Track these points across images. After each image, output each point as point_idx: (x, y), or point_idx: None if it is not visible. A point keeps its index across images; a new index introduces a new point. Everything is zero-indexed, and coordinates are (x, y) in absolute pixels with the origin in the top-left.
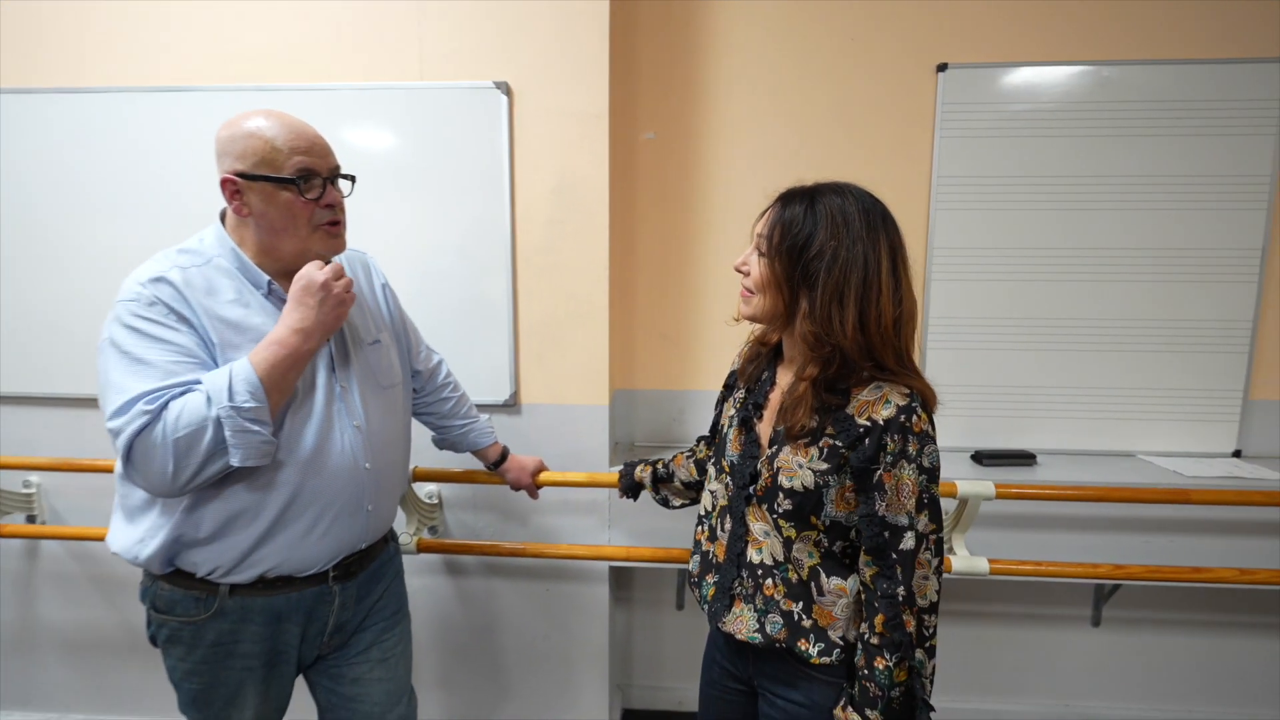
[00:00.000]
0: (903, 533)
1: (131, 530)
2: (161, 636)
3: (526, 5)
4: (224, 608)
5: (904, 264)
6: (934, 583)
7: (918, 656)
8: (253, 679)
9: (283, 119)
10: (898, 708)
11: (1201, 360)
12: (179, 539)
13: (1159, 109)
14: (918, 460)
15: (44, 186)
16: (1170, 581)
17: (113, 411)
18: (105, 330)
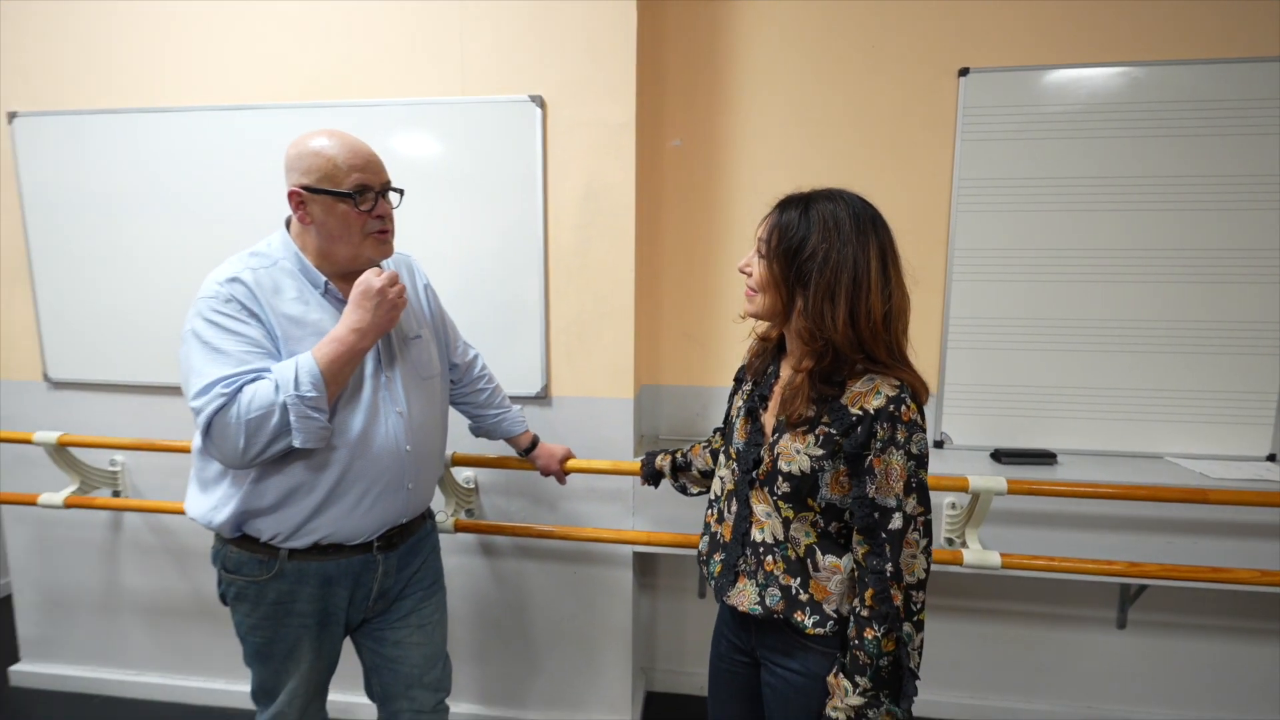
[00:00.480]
0: (891, 514)
1: (206, 499)
2: (230, 594)
3: (559, 24)
4: (283, 570)
5: (894, 264)
6: (922, 561)
7: (905, 629)
8: (308, 635)
9: (343, 139)
10: (886, 676)
11: (1233, 362)
12: (246, 508)
13: (1187, 109)
14: (906, 447)
15: (126, 198)
16: (1187, 581)
17: (195, 393)
18: (188, 323)
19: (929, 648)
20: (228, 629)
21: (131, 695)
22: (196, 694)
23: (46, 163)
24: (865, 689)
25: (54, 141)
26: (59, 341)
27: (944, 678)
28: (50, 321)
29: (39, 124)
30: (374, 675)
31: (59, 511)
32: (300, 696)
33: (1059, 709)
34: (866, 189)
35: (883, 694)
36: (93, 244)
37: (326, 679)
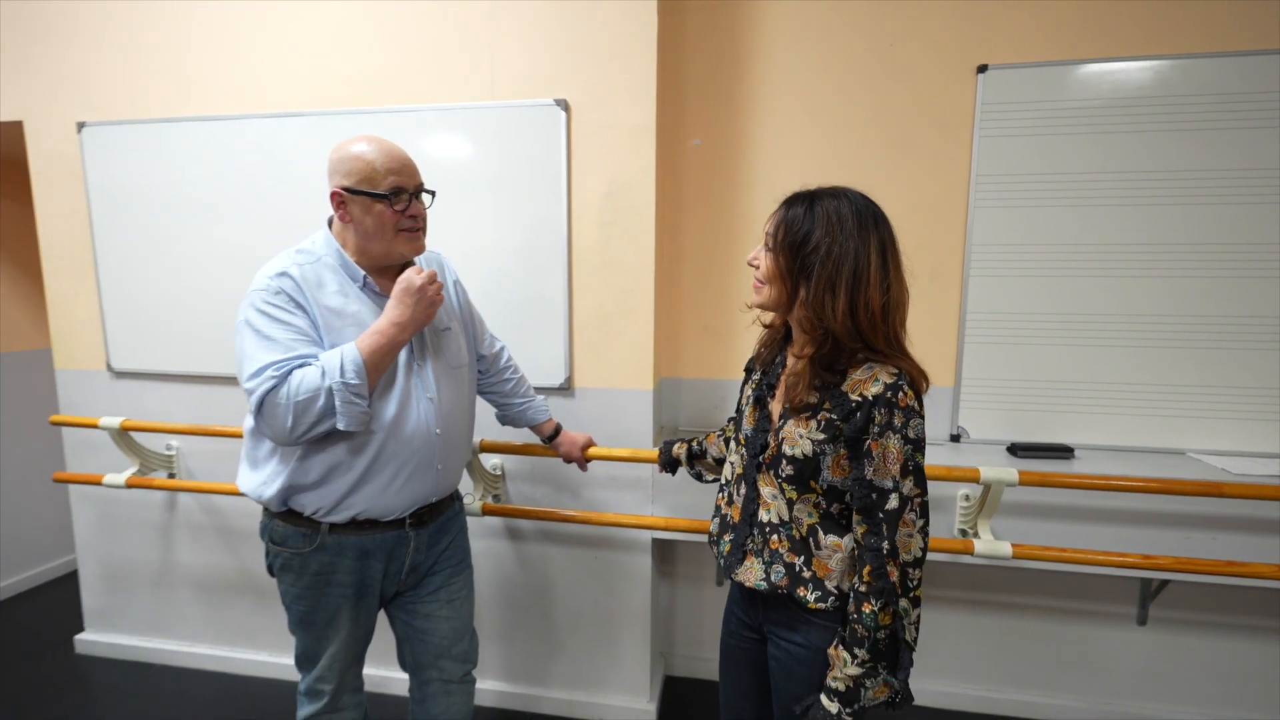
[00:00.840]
0: (888, 495)
1: (256, 475)
2: (276, 565)
3: (583, 30)
4: (324, 543)
5: (894, 259)
6: (918, 540)
7: (901, 604)
8: (346, 605)
9: (381, 144)
10: (883, 648)
11: (1259, 357)
12: (292, 483)
13: (1210, 102)
14: (902, 431)
15: (182, 200)
16: (1202, 575)
17: (248, 376)
18: (241, 313)
19: (949, 640)
20: (271, 605)
21: (183, 665)
22: (242, 665)
23: (111, 168)
24: (863, 660)
25: (118, 148)
26: (121, 334)
27: (964, 671)
28: (113, 315)
29: (105, 132)
30: (406, 646)
31: (120, 491)
32: (339, 662)
33: (1078, 704)
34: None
35: (880, 665)
36: (152, 243)
37: (363, 648)
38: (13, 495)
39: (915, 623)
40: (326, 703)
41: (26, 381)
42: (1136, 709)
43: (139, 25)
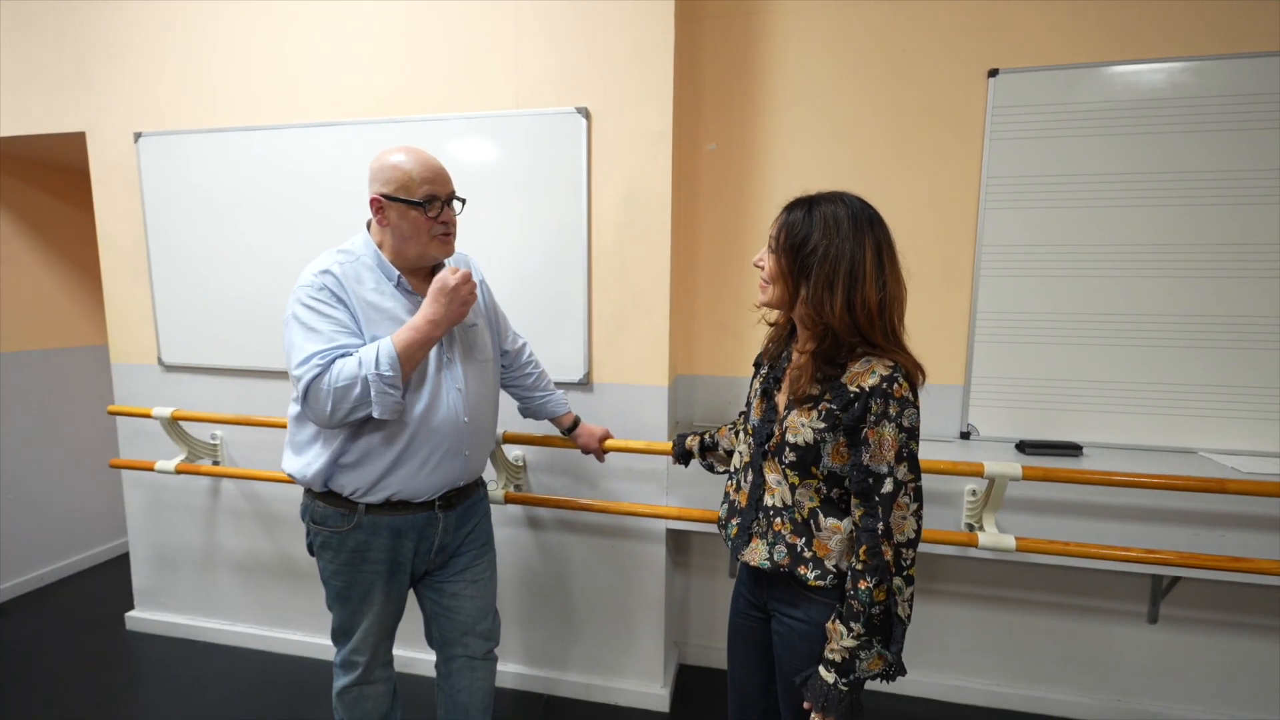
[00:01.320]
0: (884, 479)
1: (299, 459)
2: (316, 543)
3: (603, 41)
4: (361, 523)
5: (890, 258)
6: (912, 522)
7: (895, 582)
8: (380, 581)
9: (417, 155)
10: (878, 623)
11: (1271, 357)
12: (333, 466)
13: (1224, 103)
14: (897, 420)
15: (230, 205)
16: (1204, 569)
17: (295, 364)
18: (289, 307)
19: (961, 635)
20: (307, 587)
21: (225, 642)
22: (280, 644)
23: (165, 175)
24: (859, 634)
25: (171, 157)
26: (171, 330)
27: (975, 665)
28: (165, 313)
29: (159, 142)
30: (433, 623)
31: (168, 478)
32: (373, 635)
33: (1088, 701)
34: (896, 189)
35: (874, 639)
36: (201, 245)
37: (394, 624)
38: (69, 481)
39: (908, 600)
40: (360, 673)
41: (82, 374)
42: (1147, 706)
43: (191, 42)
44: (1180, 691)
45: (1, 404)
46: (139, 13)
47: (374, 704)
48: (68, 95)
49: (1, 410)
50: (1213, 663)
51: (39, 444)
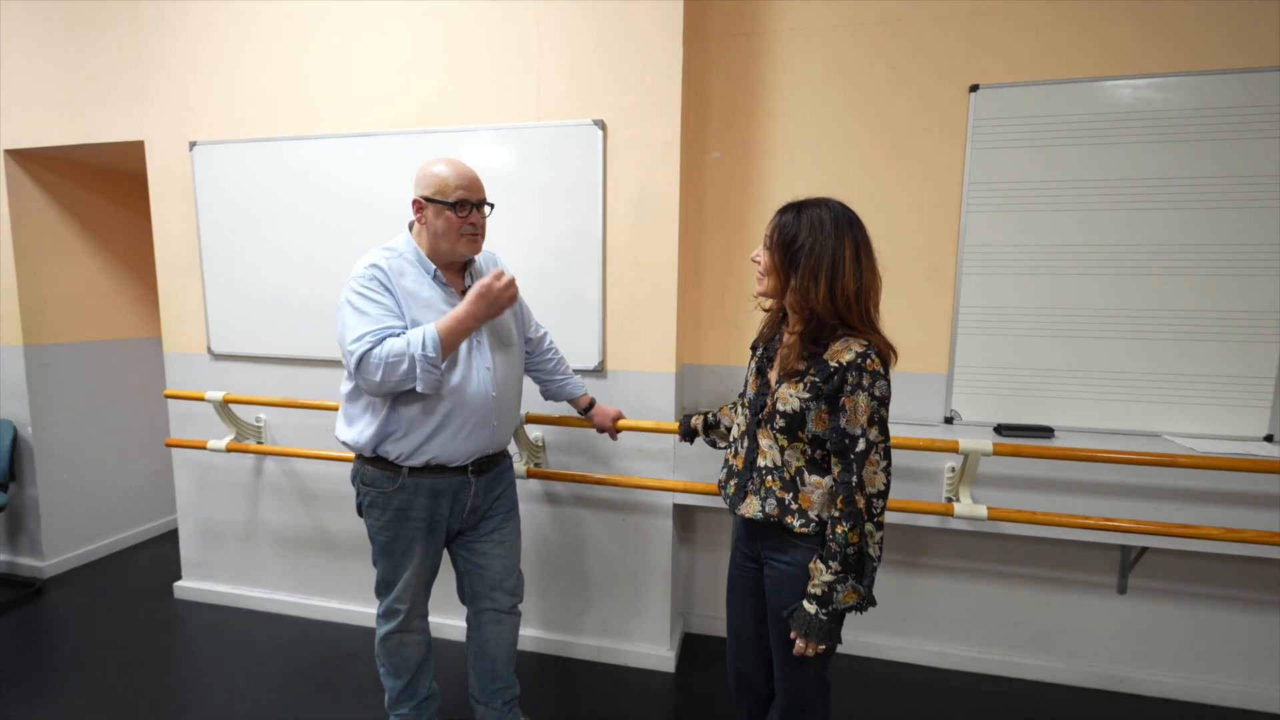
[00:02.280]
0: (858, 440)
1: (352, 429)
2: (365, 503)
3: (617, 59)
4: (404, 484)
5: (866, 254)
6: (881, 477)
7: (867, 527)
8: (420, 537)
9: (455, 165)
10: (852, 562)
11: (1231, 348)
12: (381, 434)
13: (1175, 116)
14: (870, 390)
15: (277, 208)
16: (1155, 535)
17: (350, 340)
18: (343, 295)
19: (944, 605)
20: (342, 559)
21: (266, 610)
22: (317, 611)
23: (217, 181)
24: (836, 570)
25: (223, 164)
26: (220, 322)
27: (956, 633)
28: (214, 306)
29: (212, 150)
30: (465, 579)
31: (215, 457)
32: (412, 587)
33: (1062, 666)
34: (886, 193)
35: (849, 575)
36: (249, 245)
37: (431, 578)
38: (119, 463)
39: (878, 542)
40: (401, 621)
41: (131, 364)
42: (1116, 671)
43: (242, 60)
44: (1147, 658)
45: (58, 391)
46: (194, 33)
47: (411, 651)
48: (129, 108)
49: (58, 397)
50: (1178, 631)
51: (91, 428)
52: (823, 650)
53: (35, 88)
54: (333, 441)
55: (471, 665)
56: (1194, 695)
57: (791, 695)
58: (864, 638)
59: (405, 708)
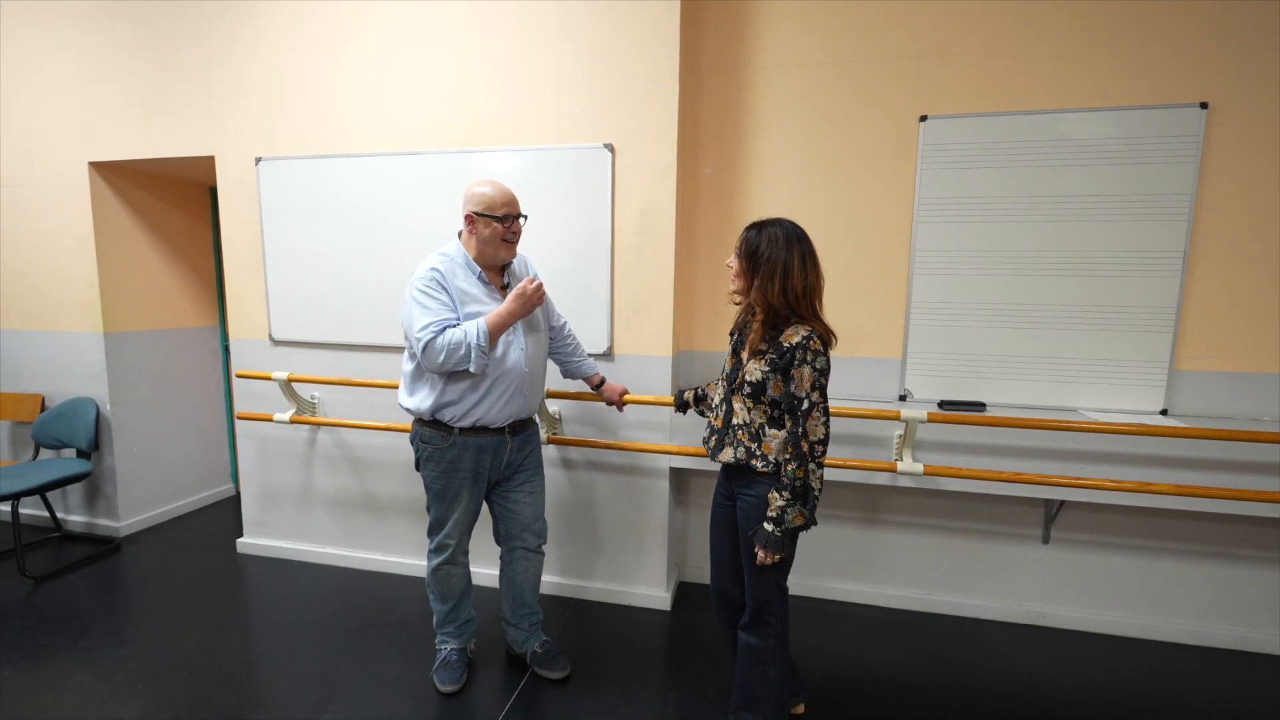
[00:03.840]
0: (803, 401)
1: (413, 398)
2: (423, 457)
3: (624, 92)
4: (455, 441)
5: (811, 262)
6: (821, 429)
7: (810, 465)
8: (466, 485)
9: (496, 185)
10: (799, 491)
11: (1134, 338)
12: (438, 402)
13: (1097, 144)
14: (812, 364)
15: (330, 216)
16: (1049, 485)
17: (417, 329)
18: (408, 292)
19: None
20: (386, 517)
21: (318, 561)
22: (362, 562)
23: (279, 191)
24: (787, 498)
25: (284, 177)
26: (280, 312)
27: (908, 579)
28: (275, 300)
29: (275, 165)
30: (500, 522)
31: (275, 429)
32: (459, 526)
33: (997, 605)
34: (850, 206)
35: (797, 502)
36: (306, 247)
37: (473, 520)
38: (178, 438)
39: (819, 478)
40: (449, 555)
41: (190, 350)
42: (1041, 609)
43: (303, 87)
44: (1067, 597)
45: (131, 373)
46: (261, 65)
47: (456, 580)
48: (202, 128)
49: (131, 378)
50: (1092, 574)
51: (157, 406)
52: (779, 559)
53: (118, 108)
54: (378, 414)
55: (504, 594)
56: (1105, 628)
57: (758, 601)
58: (830, 583)
59: (450, 627)
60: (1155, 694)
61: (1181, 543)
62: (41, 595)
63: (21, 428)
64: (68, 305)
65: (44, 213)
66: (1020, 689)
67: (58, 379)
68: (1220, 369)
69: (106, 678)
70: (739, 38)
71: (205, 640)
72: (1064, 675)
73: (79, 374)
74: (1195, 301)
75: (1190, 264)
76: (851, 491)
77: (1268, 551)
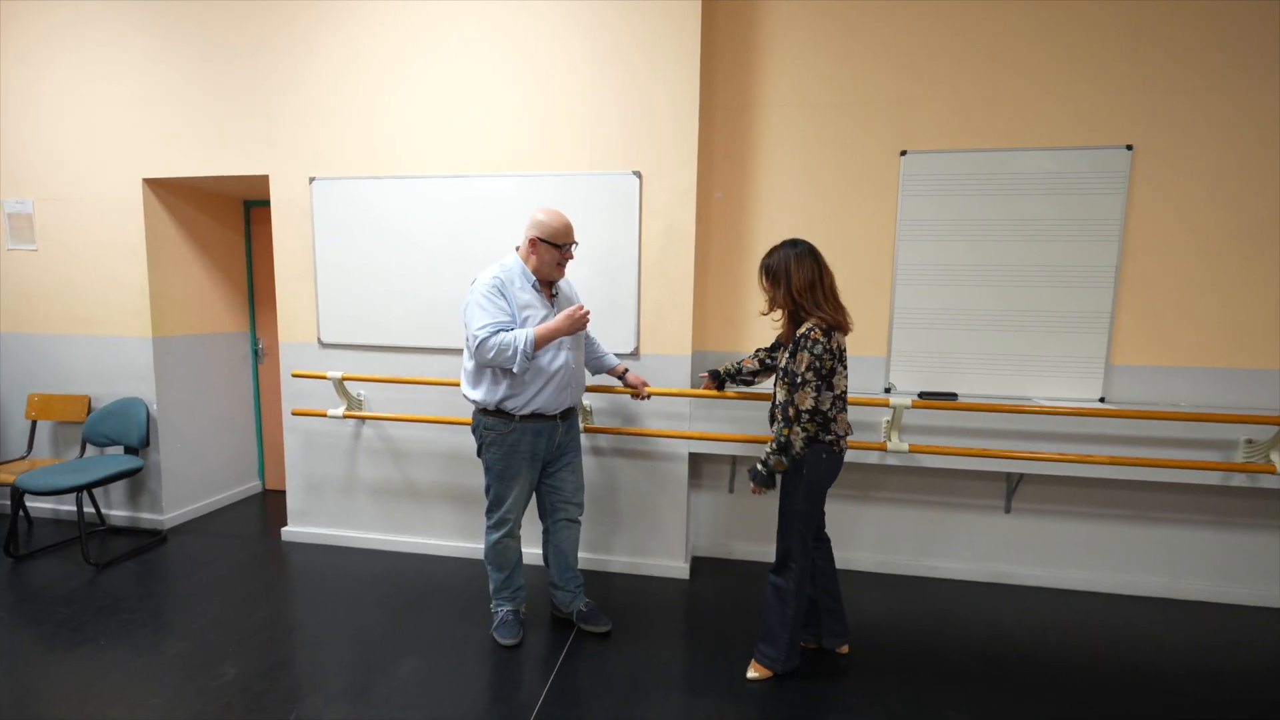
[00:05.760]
0: (798, 378)
1: (477, 390)
2: (486, 443)
3: (650, 126)
4: (515, 427)
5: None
6: (809, 401)
7: (795, 428)
8: (525, 465)
9: (560, 217)
10: (782, 444)
11: (1077, 338)
12: (500, 395)
13: (1046, 177)
14: (810, 349)
15: (374, 233)
16: (1011, 459)
17: (476, 327)
18: (472, 296)
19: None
20: (426, 504)
21: (360, 546)
22: (402, 545)
23: (331, 209)
24: (772, 449)
25: (337, 196)
26: (328, 318)
27: (890, 545)
28: (324, 306)
29: (328, 185)
30: (545, 498)
31: (320, 424)
32: (517, 503)
33: (965, 566)
34: (843, 225)
35: (781, 452)
36: (353, 260)
37: (528, 499)
38: (219, 436)
39: (800, 437)
40: (508, 529)
41: (224, 355)
42: (1003, 569)
43: (355, 113)
44: (1025, 559)
45: (175, 375)
46: (314, 92)
47: (511, 553)
48: (258, 149)
49: (175, 379)
50: (1047, 538)
51: (197, 406)
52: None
53: (173, 129)
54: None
55: (551, 561)
56: (1057, 584)
57: (783, 549)
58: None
59: (505, 593)
60: (1095, 634)
61: (1117, 509)
62: (106, 580)
63: (65, 427)
64: (118, 311)
65: (98, 225)
66: (986, 636)
67: (105, 381)
68: (1147, 363)
69: (196, 646)
70: (747, 79)
71: (275, 612)
72: (1022, 622)
73: (128, 376)
74: (1125, 308)
75: (1121, 277)
76: (848, 471)
77: (1187, 514)
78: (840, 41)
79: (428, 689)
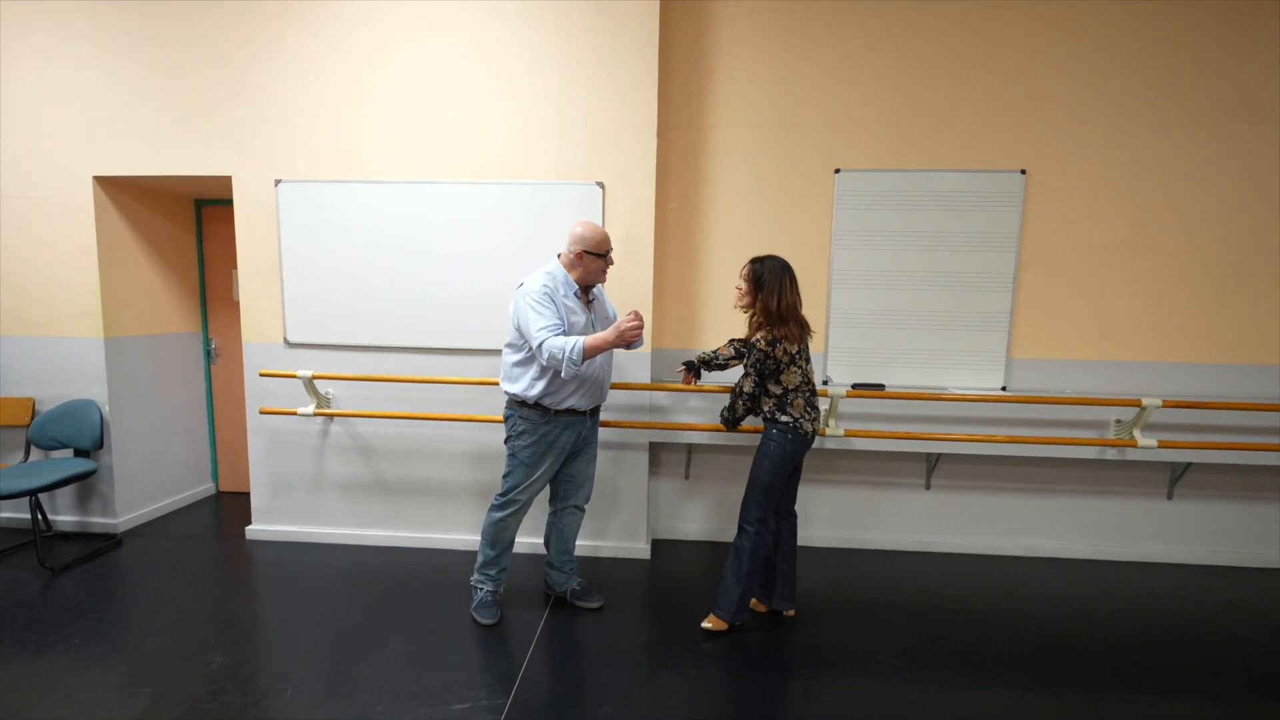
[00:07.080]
0: (745, 369)
1: (516, 385)
2: (516, 431)
3: (612, 140)
4: (551, 420)
5: (794, 283)
6: (748, 386)
7: (735, 403)
8: (552, 454)
9: (599, 229)
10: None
11: (982, 335)
12: (540, 391)
13: (959, 195)
14: (751, 353)
15: (342, 235)
16: (930, 440)
17: (535, 329)
18: (523, 300)
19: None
20: (397, 498)
21: (328, 542)
22: (370, 539)
23: (298, 212)
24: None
25: (303, 198)
26: (295, 318)
27: (833, 521)
28: (291, 306)
29: (293, 188)
30: (560, 486)
31: (284, 423)
32: (533, 488)
33: (892, 537)
34: (785, 234)
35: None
36: (322, 261)
37: (544, 486)
38: (171, 437)
39: (734, 407)
40: (515, 510)
41: (177, 355)
42: (923, 538)
43: (322, 117)
44: (942, 529)
45: (127, 376)
46: (281, 90)
47: (510, 532)
48: (221, 149)
49: (127, 380)
50: (961, 509)
51: (148, 407)
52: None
53: (124, 125)
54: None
55: (552, 544)
56: (968, 550)
57: (742, 514)
58: None
59: (492, 570)
60: (1001, 589)
61: (1017, 483)
62: (65, 583)
63: (5, 431)
64: (67, 312)
65: (45, 223)
66: (913, 597)
67: (52, 383)
68: (1040, 357)
69: (177, 639)
70: (699, 100)
71: (252, 604)
72: (943, 584)
73: (78, 377)
74: (1022, 309)
75: (1018, 282)
76: None
77: (1073, 485)
78: (783, 69)
79: (416, 664)
